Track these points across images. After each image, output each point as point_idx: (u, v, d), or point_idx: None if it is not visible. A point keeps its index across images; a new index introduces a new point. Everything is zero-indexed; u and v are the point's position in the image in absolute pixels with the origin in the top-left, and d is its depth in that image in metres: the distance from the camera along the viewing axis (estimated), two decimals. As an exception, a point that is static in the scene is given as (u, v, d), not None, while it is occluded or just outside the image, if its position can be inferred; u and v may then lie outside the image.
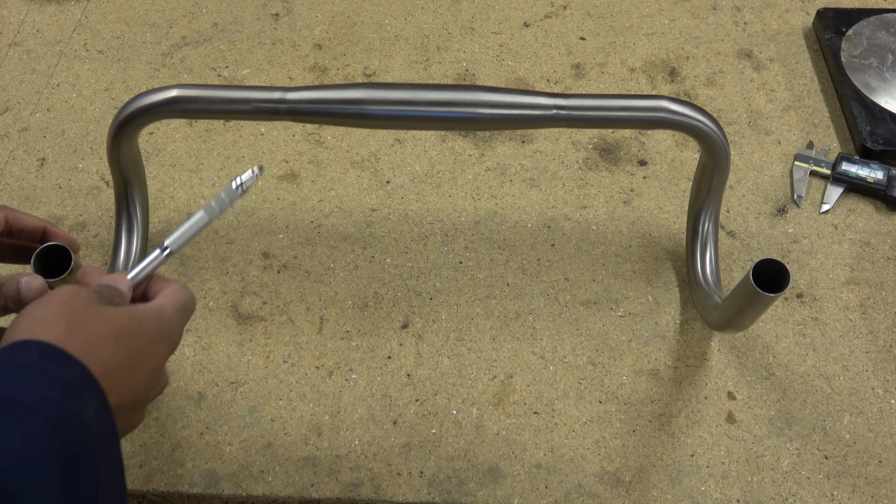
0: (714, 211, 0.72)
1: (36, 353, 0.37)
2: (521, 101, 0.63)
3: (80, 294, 0.42)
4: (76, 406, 0.36)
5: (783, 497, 0.63)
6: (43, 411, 0.34)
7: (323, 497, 0.63)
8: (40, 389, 0.35)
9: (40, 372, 0.36)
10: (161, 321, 0.45)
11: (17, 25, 1.00)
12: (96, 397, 0.38)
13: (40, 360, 0.37)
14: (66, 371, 0.37)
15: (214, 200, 0.53)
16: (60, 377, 0.36)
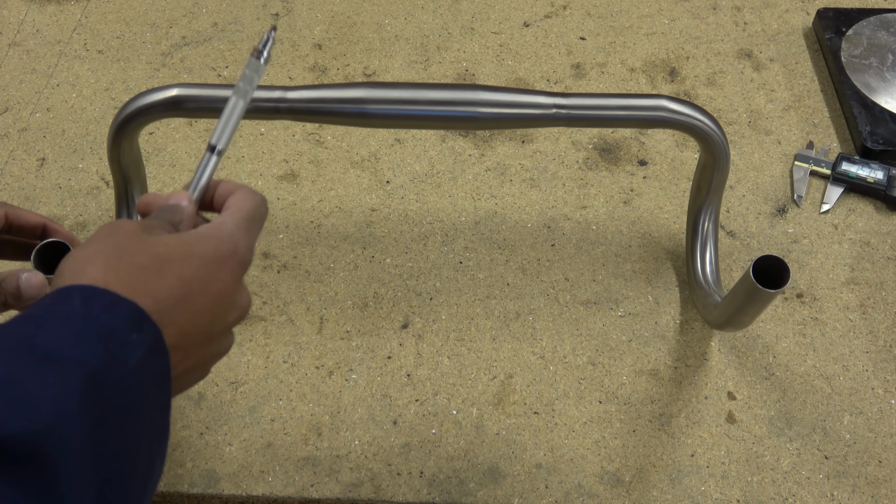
0: (714, 210, 0.72)
1: (78, 298, 0.35)
2: (520, 100, 0.63)
3: (121, 227, 0.39)
4: (120, 353, 0.34)
5: (783, 497, 0.63)
6: (80, 363, 0.32)
7: (323, 497, 0.63)
8: (79, 338, 0.33)
9: (82, 318, 0.34)
10: (219, 239, 0.40)
11: (17, 25, 1.00)
12: (148, 338, 0.35)
13: (82, 305, 0.35)
14: (110, 314, 0.35)
15: (242, 80, 0.48)
16: (103, 321, 0.34)
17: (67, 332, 0.33)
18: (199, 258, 0.39)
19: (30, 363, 0.32)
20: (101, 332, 0.34)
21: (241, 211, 0.43)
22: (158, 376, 0.36)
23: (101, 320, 0.34)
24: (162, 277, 0.37)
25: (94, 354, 0.33)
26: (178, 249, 0.39)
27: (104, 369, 0.33)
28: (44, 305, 0.35)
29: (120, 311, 0.35)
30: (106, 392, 0.33)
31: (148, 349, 0.35)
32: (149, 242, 0.38)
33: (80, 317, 0.34)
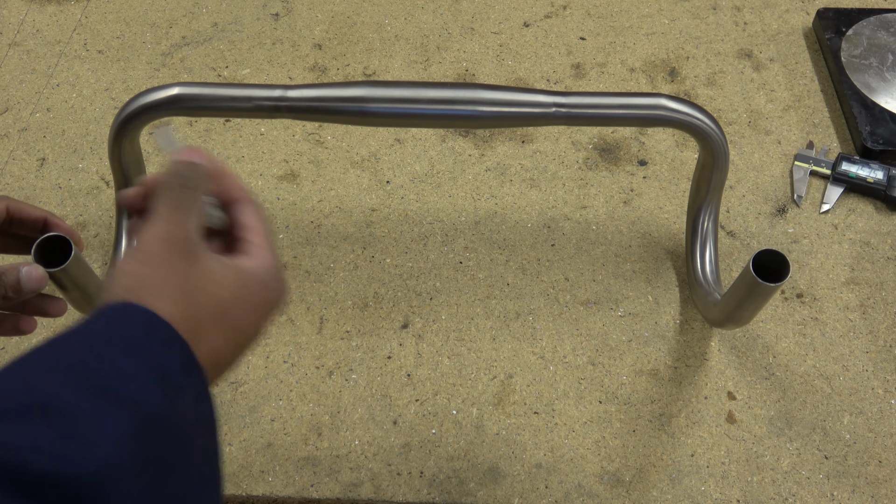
0: (713, 209, 0.72)
1: (142, 327, 0.34)
2: (520, 98, 0.63)
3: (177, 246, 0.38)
4: (174, 398, 0.33)
5: (783, 497, 0.63)
6: (138, 405, 0.32)
7: (323, 497, 0.63)
8: (139, 376, 0.33)
9: (143, 352, 0.33)
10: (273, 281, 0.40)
11: (17, 25, 1.00)
12: (195, 384, 0.35)
13: (145, 336, 0.34)
14: (168, 352, 0.34)
15: None
16: (162, 359, 0.34)
17: (128, 367, 0.33)
18: (254, 306, 0.39)
19: (87, 395, 0.31)
20: (159, 371, 0.33)
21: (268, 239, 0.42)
22: (206, 422, 0.36)
23: (161, 359, 0.34)
24: (220, 326, 0.37)
25: (152, 398, 0.32)
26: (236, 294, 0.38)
27: (159, 413, 0.32)
28: (104, 322, 0.34)
29: (176, 351, 0.35)
30: (159, 438, 0.32)
31: (196, 395, 0.35)
32: (213, 280, 0.38)
33: (141, 350, 0.33)
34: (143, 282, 0.36)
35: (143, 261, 0.37)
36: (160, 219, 0.39)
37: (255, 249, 0.42)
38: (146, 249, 0.37)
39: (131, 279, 0.37)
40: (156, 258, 0.37)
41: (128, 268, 0.37)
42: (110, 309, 0.35)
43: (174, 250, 0.38)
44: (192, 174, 0.41)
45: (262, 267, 0.41)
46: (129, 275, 0.37)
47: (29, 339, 0.72)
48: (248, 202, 0.44)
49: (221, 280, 0.38)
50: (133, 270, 0.37)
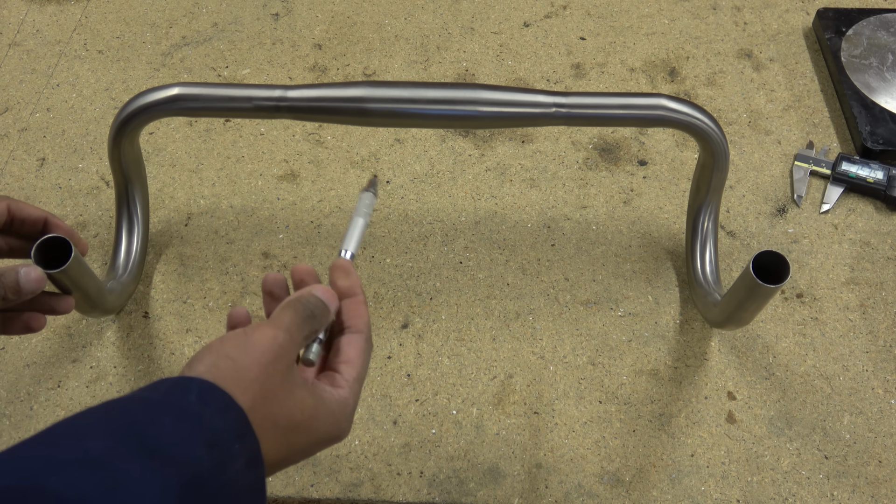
0: (713, 209, 0.72)
1: (196, 395, 0.36)
2: (520, 98, 0.63)
3: (284, 357, 0.40)
4: (222, 462, 0.34)
5: (783, 497, 0.63)
6: (185, 466, 0.33)
7: (323, 497, 0.63)
8: (189, 439, 0.34)
9: (195, 417, 0.35)
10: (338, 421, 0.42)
11: (17, 25, 1.00)
12: (249, 450, 0.36)
13: (198, 403, 0.35)
14: (221, 418, 0.36)
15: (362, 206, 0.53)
16: (215, 425, 0.35)
17: (179, 431, 0.34)
18: (315, 437, 0.41)
19: (135, 454, 0.32)
20: (209, 436, 0.35)
21: (360, 380, 0.44)
22: (254, 488, 0.37)
23: (213, 424, 0.35)
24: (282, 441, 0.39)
25: (200, 460, 0.33)
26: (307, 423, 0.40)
27: (206, 477, 0.33)
28: (163, 392, 0.36)
29: (231, 418, 0.36)
30: (205, 498, 0.33)
31: (247, 461, 0.36)
32: (293, 398, 0.40)
33: (193, 416, 0.35)
34: (236, 370, 0.38)
35: (244, 350, 0.39)
36: (283, 328, 0.41)
37: (342, 384, 0.43)
38: (257, 344, 0.39)
39: (228, 362, 0.38)
40: (260, 356, 0.39)
41: (230, 351, 0.39)
42: (168, 380, 0.37)
43: (279, 361, 0.39)
44: (321, 315, 0.44)
45: (339, 402, 0.42)
46: (228, 358, 0.38)
47: (29, 339, 0.72)
48: (360, 335, 0.46)
49: (301, 404, 0.40)
50: (232, 353, 0.39)
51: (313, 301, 0.44)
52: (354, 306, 0.47)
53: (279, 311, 0.43)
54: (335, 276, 0.48)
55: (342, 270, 0.48)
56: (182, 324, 0.73)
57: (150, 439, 0.33)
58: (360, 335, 0.46)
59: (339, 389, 0.43)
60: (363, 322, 0.46)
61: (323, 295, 0.45)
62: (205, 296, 0.75)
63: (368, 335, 0.46)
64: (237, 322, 0.46)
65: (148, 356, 0.71)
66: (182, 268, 0.77)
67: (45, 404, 0.68)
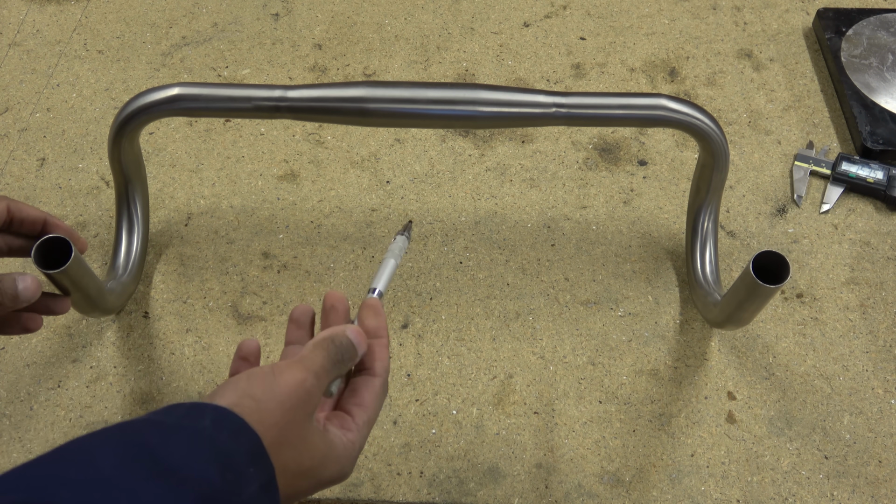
0: (713, 209, 0.72)
1: (210, 419, 0.36)
2: (520, 99, 0.63)
3: (307, 403, 0.40)
4: (235, 485, 0.35)
5: (783, 497, 0.63)
6: (196, 485, 0.33)
7: (323, 497, 0.63)
8: (201, 459, 0.34)
9: (208, 439, 0.35)
10: (346, 464, 0.43)
11: (17, 25, 1.00)
12: (264, 474, 0.37)
13: (212, 427, 0.36)
14: (235, 441, 0.36)
15: (394, 247, 0.56)
16: (228, 448, 0.35)
17: (192, 452, 0.34)
18: (319, 480, 0.41)
19: (149, 474, 0.33)
20: (222, 458, 0.35)
21: (370, 423, 0.45)
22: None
23: (227, 446, 0.35)
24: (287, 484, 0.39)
25: (212, 481, 0.34)
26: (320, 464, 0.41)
27: (218, 497, 0.34)
28: (177, 416, 0.36)
29: (245, 442, 0.36)
30: None
31: (262, 485, 0.36)
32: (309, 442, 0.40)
33: (206, 438, 0.35)
34: (259, 411, 0.38)
35: (270, 390, 0.39)
36: (312, 371, 0.41)
37: (352, 427, 0.44)
38: (283, 387, 0.39)
39: (252, 403, 0.38)
40: (285, 400, 0.39)
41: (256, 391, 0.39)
42: (183, 405, 0.37)
43: (302, 407, 0.40)
44: (349, 359, 0.44)
45: (346, 447, 0.43)
46: (252, 399, 0.39)
47: (29, 339, 0.72)
48: (378, 378, 0.46)
49: (313, 451, 0.41)
50: (255, 393, 0.39)
51: (345, 343, 0.44)
52: (378, 348, 0.47)
53: (311, 349, 0.43)
54: (364, 314, 0.48)
55: (372, 310, 0.48)
56: (182, 324, 0.73)
57: (162, 459, 0.33)
58: (377, 379, 0.46)
59: (349, 433, 0.43)
60: (383, 366, 0.47)
61: (355, 338, 0.45)
62: (205, 296, 0.75)
63: (385, 379, 0.47)
64: (247, 354, 0.46)
65: (148, 356, 0.71)
66: (182, 268, 0.77)
67: (45, 404, 0.68)
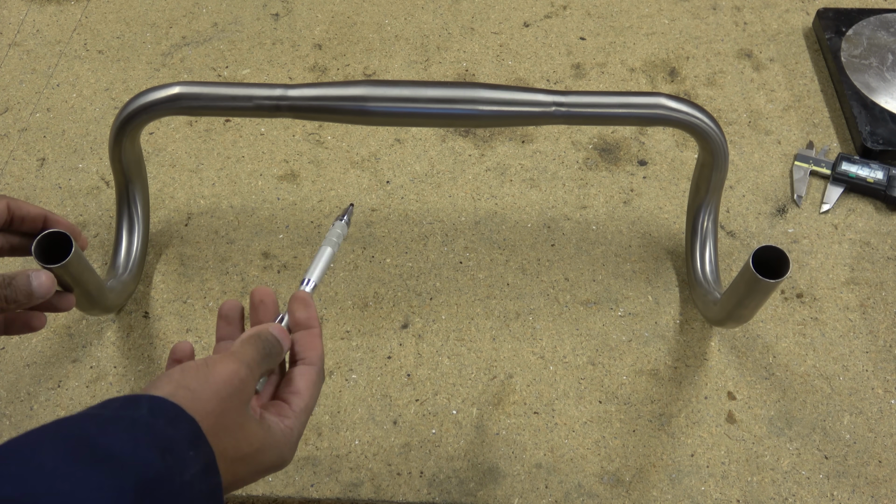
0: (713, 209, 0.72)
1: (147, 408, 0.37)
2: (520, 97, 0.63)
3: (243, 391, 0.41)
4: (176, 466, 0.35)
5: (783, 497, 0.63)
6: (136, 470, 0.34)
7: (323, 497, 0.63)
8: (139, 446, 0.35)
9: (145, 426, 0.36)
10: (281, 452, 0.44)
11: (17, 25, 1.00)
12: (204, 456, 0.37)
13: (149, 415, 0.36)
14: (173, 427, 0.37)
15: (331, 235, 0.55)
16: (166, 433, 0.36)
17: (130, 438, 0.35)
18: (258, 467, 0.42)
19: (91, 464, 0.33)
20: (163, 443, 0.35)
21: (308, 411, 0.46)
22: (211, 495, 0.37)
23: (165, 432, 0.36)
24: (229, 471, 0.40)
25: (152, 463, 0.34)
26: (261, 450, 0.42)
27: (160, 479, 0.34)
28: (114, 408, 0.37)
29: (184, 427, 0.37)
30: (159, 500, 0.34)
31: (203, 468, 0.37)
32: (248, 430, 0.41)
33: (143, 425, 0.36)
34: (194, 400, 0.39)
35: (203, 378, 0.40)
36: (245, 363, 0.42)
37: (289, 414, 0.45)
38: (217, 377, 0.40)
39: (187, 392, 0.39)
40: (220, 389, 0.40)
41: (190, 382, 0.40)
42: (119, 398, 0.38)
43: (237, 395, 0.41)
44: (276, 354, 0.45)
45: (284, 433, 0.44)
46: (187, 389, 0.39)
47: (29, 339, 0.72)
48: (313, 367, 0.47)
49: (250, 437, 0.41)
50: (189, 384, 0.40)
51: (271, 339, 0.45)
52: (310, 338, 0.48)
53: (241, 344, 0.44)
54: (293, 307, 0.49)
55: (301, 302, 0.49)
56: (182, 324, 0.73)
57: (101, 448, 0.34)
58: (312, 367, 0.47)
59: (286, 420, 0.44)
60: (317, 355, 0.48)
61: (279, 334, 0.46)
62: (205, 296, 0.75)
63: (321, 368, 0.47)
64: (181, 357, 0.47)
65: (148, 356, 0.71)
66: (182, 268, 0.77)
67: (46, 404, 0.68)
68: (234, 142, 0.87)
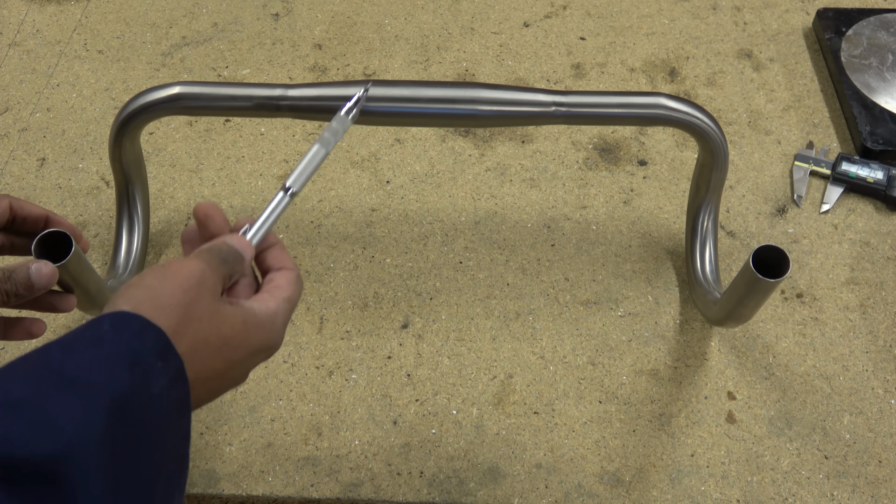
0: (713, 209, 0.72)
1: (108, 323, 0.36)
2: (520, 97, 0.63)
3: (206, 281, 0.41)
4: (144, 380, 0.35)
5: (783, 497, 0.63)
6: (106, 388, 0.33)
7: (323, 497, 0.63)
8: (107, 363, 0.34)
9: (110, 342, 0.35)
10: (269, 331, 0.43)
11: (17, 25, 1.00)
12: (172, 367, 0.37)
13: (113, 330, 0.36)
14: (138, 339, 0.36)
15: (327, 131, 0.51)
16: (132, 347, 0.35)
17: (96, 357, 0.35)
18: (249, 347, 0.42)
19: (54, 388, 0.33)
20: (129, 357, 0.35)
21: (290, 301, 0.45)
22: (179, 405, 0.37)
23: (131, 345, 0.35)
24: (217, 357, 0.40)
25: (120, 380, 0.34)
26: (241, 334, 0.41)
27: (129, 395, 0.34)
28: (76, 332, 0.36)
29: (149, 338, 0.36)
30: (130, 418, 0.34)
31: (171, 378, 0.36)
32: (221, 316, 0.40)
33: (108, 341, 0.35)
34: (153, 297, 0.38)
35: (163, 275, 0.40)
36: (202, 260, 0.42)
37: (266, 297, 0.44)
38: (177, 272, 0.40)
39: (143, 291, 0.39)
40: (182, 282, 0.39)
41: (145, 280, 0.39)
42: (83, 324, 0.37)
43: (202, 286, 0.40)
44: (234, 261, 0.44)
45: (268, 314, 0.43)
46: (142, 287, 0.39)
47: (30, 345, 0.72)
48: (291, 271, 0.47)
49: (230, 320, 0.41)
50: (149, 282, 0.39)
51: (225, 249, 0.44)
52: (279, 252, 0.48)
53: (194, 253, 0.43)
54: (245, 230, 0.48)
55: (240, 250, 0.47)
56: (182, 324, 0.73)
57: (67, 372, 0.34)
58: (291, 271, 0.47)
59: (269, 303, 0.44)
60: (291, 262, 0.47)
61: (236, 243, 0.45)
62: (205, 296, 0.75)
63: (298, 274, 0.47)
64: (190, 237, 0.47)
65: (148, 356, 0.71)
66: (182, 268, 0.77)
67: (45, 404, 0.68)
68: (234, 142, 0.87)
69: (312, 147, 0.50)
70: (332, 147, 0.51)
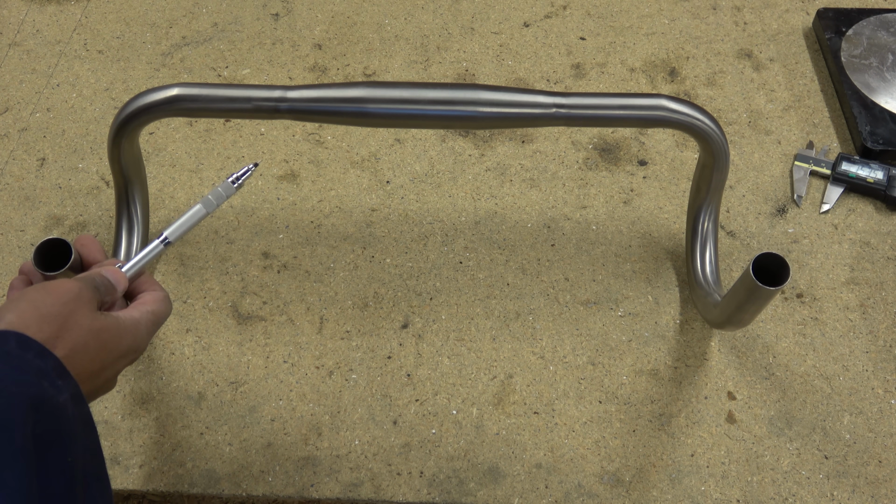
0: (714, 210, 0.72)
1: (14, 343, 0.41)
2: (520, 99, 0.63)
3: (83, 296, 0.46)
4: (51, 389, 0.39)
5: (783, 497, 0.63)
6: (24, 393, 0.37)
7: (323, 497, 0.63)
8: (21, 372, 0.39)
9: (18, 358, 0.40)
10: (135, 336, 0.49)
11: (17, 25, 1.00)
12: (70, 387, 0.41)
13: (18, 348, 0.40)
14: (42, 360, 0.41)
15: (212, 194, 0.57)
16: (35, 364, 0.40)
17: (7, 367, 0.39)
18: (119, 350, 0.48)
19: None
20: (35, 370, 0.40)
21: (154, 315, 0.52)
22: (85, 420, 0.42)
23: (36, 363, 0.40)
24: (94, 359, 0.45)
25: (34, 384, 0.39)
26: (113, 339, 0.47)
27: (42, 397, 0.38)
28: None
29: (49, 360, 0.41)
30: (44, 418, 0.38)
31: (72, 397, 0.41)
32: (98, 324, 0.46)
33: (17, 357, 0.40)
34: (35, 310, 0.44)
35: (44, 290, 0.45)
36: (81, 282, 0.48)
37: (131, 309, 0.51)
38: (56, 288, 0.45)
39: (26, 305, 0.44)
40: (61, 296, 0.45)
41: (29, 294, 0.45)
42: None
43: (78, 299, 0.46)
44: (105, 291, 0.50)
45: (133, 322, 0.49)
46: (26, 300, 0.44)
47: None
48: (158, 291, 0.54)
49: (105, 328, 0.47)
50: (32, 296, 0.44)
51: (99, 278, 0.50)
52: (149, 278, 0.54)
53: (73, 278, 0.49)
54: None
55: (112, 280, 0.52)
56: (182, 324, 0.73)
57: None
58: (157, 292, 0.53)
59: (132, 313, 0.50)
60: (159, 286, 0.54)
61: (111, 275, 0.51)
62: (205, 296, 0.75)
63: (166, 294, 0.53)
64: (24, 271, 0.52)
65: (148, 356, 0.71)
66: (182, 268, 0.77)
67: (46, 404, 0.68)
68: (233, 142, 0.87)
69: (195, 206, 0.56)
70: (214, 209, 0.57)
